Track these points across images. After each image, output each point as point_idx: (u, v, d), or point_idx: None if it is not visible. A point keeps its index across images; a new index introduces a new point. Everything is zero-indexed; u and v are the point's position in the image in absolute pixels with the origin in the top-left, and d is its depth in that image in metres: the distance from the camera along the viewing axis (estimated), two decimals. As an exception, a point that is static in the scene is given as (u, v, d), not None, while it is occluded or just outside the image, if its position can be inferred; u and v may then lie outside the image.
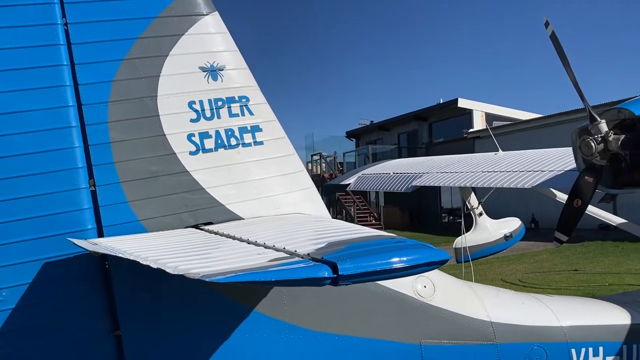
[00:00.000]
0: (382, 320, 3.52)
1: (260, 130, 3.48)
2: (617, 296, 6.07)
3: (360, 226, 2.79)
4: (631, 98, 4.82)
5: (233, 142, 3.40)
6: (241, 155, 3.41)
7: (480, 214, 8.85)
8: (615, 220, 7.39)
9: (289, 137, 3.65)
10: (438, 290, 3.72)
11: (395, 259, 1.96)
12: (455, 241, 8.67)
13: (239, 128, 3.43)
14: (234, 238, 2.67)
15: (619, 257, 15.10)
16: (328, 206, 39.05)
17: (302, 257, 2.03)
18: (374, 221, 34.31)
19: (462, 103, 32.77)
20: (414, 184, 8.24)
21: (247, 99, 3.48)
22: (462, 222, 8.71)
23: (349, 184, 9.65)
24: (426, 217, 33.87)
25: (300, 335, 3.33)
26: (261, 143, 3.47)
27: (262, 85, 3.60)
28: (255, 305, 3.22)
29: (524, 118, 31.27)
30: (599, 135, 4.49)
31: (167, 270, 2.00)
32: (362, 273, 1.91)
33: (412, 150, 36.51)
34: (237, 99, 3.45)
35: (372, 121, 42.66)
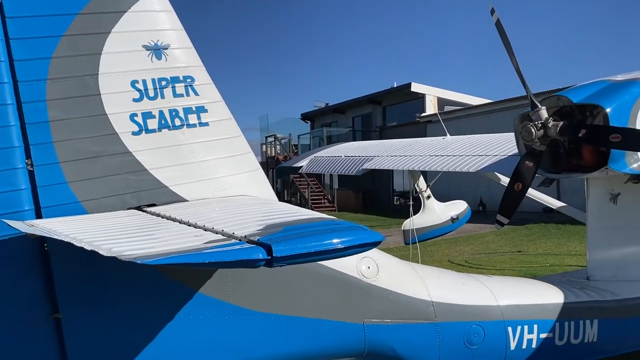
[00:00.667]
0: (327, 300, 3.58)
1: (206, 111, 3.45)
2: (554, 276, 6.36)
3: (304, 209, 2.82)
4: (571, 86, 5.01)
5: (177, 122, 3.36)
6: (185, 137, 3.37)
7: (429, 197, 9.08)
8: (556, 204, 7.71)
9: (243, 118, 3.66)
10: (382, 270, 3.81)
11: (330, 241, 2.00)
12: (404, 223, 8.89)
13: (183, 108, 3.38)
14: (174, 220, 2.66)
15: (560, 239, 15.71)
16: (282, 189, 39.17)
17: (239, 239, 2.05)
18: (327, 203, 34.56)
19: (415, 87, 33.14)
20: (364, 167, 8.36)
21: (192, 79, 3.43)
22: (411, 205, 8.90)
23: (301, 166, 9.69)
24: (379, 200, 34.29)
25: (245, 316, 3.35)
26: (206, 124, 3.44)
27: (215, 66, 3.56)
28: (199, 287, 3.22)
29: (475, 103, 31.92)
30: (539, 122, 4.64)
31: (101, 252, 1.98)
32: (297, 255, 1.94)
33: (366, 133, 36.75)
34: (181, 78, 3.40)
35: (327, 104, 42.67)
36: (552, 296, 4.42)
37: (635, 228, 5.15)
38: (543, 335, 4.23)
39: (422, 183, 9.07)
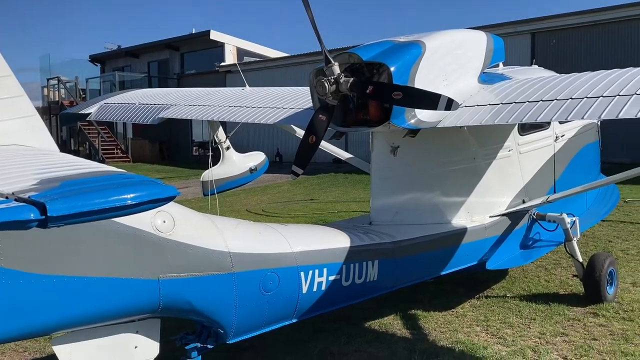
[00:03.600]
0: (117, 258, 3.35)
1: (-37, 44, 2.90)
2: (342, 222, 6.84)
3: (89, 161, 2.56)
4: (362, 44, 5.29)
5: None
6: None
7: (228, 148, 9.07)
8: (345, 155, 8.25)
9: (17, 57, 3.16)
10: (178, 224, 3.68)
11: (117, 197, 1.82)
12: (203, 174, 8.77)
13: None
14: None
15: (348, 187, 17.01)
16: (69, 137, 35.80)
17: (6, 197, 1.77)
18: (121, 154, 32.61)
19: (215, 35, 32.43)
20: (160, 115, 8.02)
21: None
22: (210, 156, 8.80)
23: (90, 113, 8.91)
24: (177, 150, 33.40)
25: (20, 280, 2.98)
26: (-36, 60, 2.90)
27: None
28: None
29: (273, 56, 32.43)
30: (332, 77, 4.84)
31: None
32: (77, 213, 1.73)
33: (163, 80, 35.16)
34: None
35: (119, 46, 39.63)
36: (339, 241, 4.73)
37: (411, 177, 5.74)
38: (331, 278, 4.52)
39: (221, 134, 9.01)
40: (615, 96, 4.20)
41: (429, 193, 5.75)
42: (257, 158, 9.39)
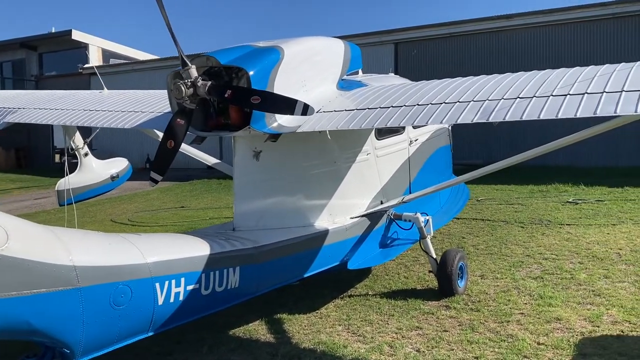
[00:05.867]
0: None
1: None
2: (204, 230, 6.70)
3: None
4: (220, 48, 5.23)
5: None
6: None
7: (86, 155, 8.61)
8: (211, 160, 8.11)
9: None
10: (13, 238, 3.37)
11: None
12: (58, 183, 8.28)
13: None
14: None
15: (220, 193, 16.73)
16: None
17: None
18: (-33, 162, 29.56)
19: (77, 35, 30.47)
20: (7, 119, 7.44)
21: None
22: (66, 163, 8.30)
23: None
24: (37, 158, 30.94)
25: None
26: None
27: None
28: None
29: (142, 58, 31.23)
30: (189, 80, 4.74)
31: None
32: None
33: (19, 82, 32.39)
34: None
35: (-37, 43, 35.90)
36: (198, 249, 4.62)
37: (273, 182, 5.77)
38: (190, 287, 4.40)
39: (78, 139, 8.53)
40: (455, 102, 4.54)
41: (291, 197, 5.81)
42: (119, 165, 8.98)
